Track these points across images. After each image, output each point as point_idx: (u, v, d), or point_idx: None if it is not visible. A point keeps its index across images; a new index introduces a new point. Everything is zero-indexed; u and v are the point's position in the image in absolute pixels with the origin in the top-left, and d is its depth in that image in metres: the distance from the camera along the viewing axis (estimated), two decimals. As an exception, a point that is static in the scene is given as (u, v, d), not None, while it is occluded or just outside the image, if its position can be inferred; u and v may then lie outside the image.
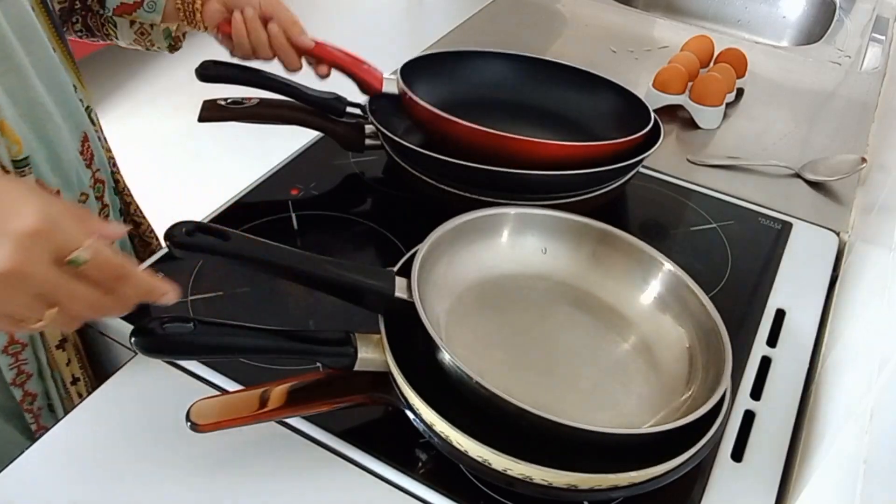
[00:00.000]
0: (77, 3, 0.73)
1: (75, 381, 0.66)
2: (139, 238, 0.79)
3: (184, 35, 0.79)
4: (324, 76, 0.75)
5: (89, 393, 0.57)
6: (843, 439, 0.47)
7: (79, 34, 0.76)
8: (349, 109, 0.77)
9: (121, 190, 0.76)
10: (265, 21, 0.72)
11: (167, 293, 0.44)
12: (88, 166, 0.68)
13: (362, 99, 0.77)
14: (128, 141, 2.58)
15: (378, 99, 0.77)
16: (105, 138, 0.74)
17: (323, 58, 0.74)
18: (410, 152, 0.70)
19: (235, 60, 0.74)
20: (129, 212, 0.78)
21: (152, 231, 0.81)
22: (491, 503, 0.50)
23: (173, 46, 0.78)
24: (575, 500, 0.48)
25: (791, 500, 0.52)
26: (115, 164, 0.75)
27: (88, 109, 0.69)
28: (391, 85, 0.75)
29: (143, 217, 0.80)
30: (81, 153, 0.67)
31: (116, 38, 0.76)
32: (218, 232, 0.49)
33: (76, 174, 0.65)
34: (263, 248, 0.51)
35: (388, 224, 0.73)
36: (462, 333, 0.56)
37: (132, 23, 0.74)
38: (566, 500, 0.49)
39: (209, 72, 0.74)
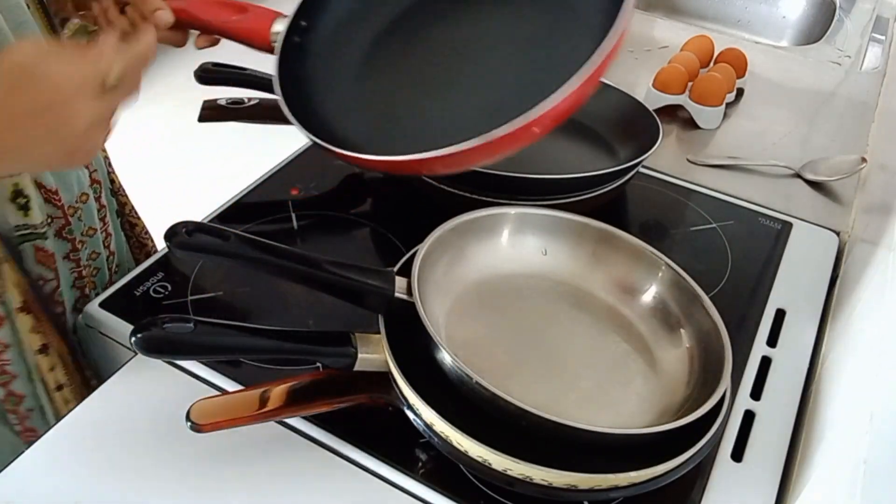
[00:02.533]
0: None
1: (59, 387, 0.65)
2: (135, 239, 0.79)
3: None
4: (201, 48, 0.65)
5: (77, 401, 0.57)
6: (843, 439, 0.47)
7: None
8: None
9: (116, 190, 0.75)
10: (122, 5, 0.64)
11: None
12: (86, 167, 0.67)
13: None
14: (128, 141, 2.58)
15: None
16: None
17: (190, 26, 0.63)
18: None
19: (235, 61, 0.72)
20: (125, 212, 0.77)
21: (147, 232, 0.81)
22: (491, 503, 0.50)
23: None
24: (575, 500, 0.48)
25: (791, 500, 0.52)
26: (110, 165, 0.74)
27: None
28: (283, 24, 0.59)
29: (139, 218, 0.80)
30: None
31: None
32: (218, 232, 0.49)
33: (75, 175, 0.65)
34: (263, 248, 0.51)
35: (388, 224, 0.73)
36: (462, 333, 0.56)
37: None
38: (566, 500, 0.49)
39: (208, 74, 0.74)
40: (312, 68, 0.55)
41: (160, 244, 0.69)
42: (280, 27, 0.58)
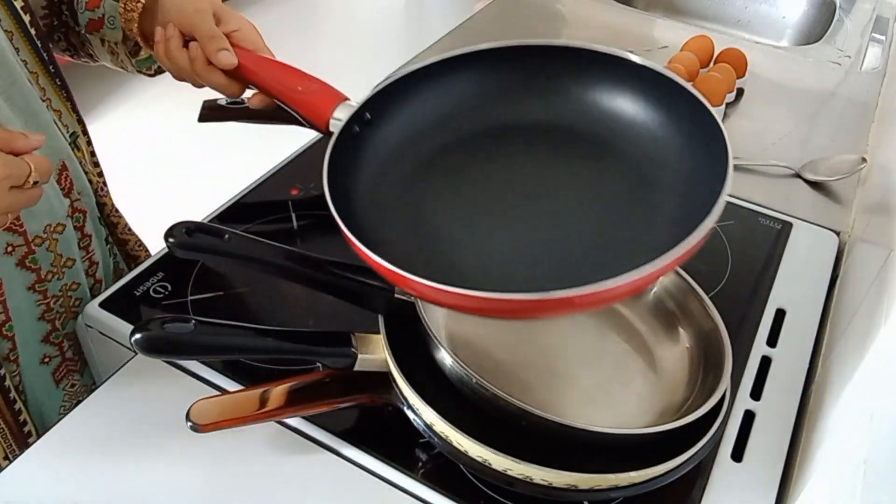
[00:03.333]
0: (55, 20, 0.70)
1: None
2: (125, 253, 0.76)
3: (155, 68, 0.73)
4: (256, 108, 0.64)
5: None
6: (843, 439, 0.47)
7: (65, 52, 0.74)
8: None
9: (107, 214, 0.72)
10: (187, 40, 0.63)
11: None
12: (67, 195, 0.64)
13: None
14: (128, 141, 2.58)
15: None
16: (95, 162, 0.71)
17: (251, 80, 0.61)
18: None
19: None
20: (117, 233, 0.74)
21: (141, 244, 0.78)
22: (491, 503, 0.50)
23: (141, 72, 0.73)
24: (575, 500, 0.48)
25: (791, 500, 0.52)
26: (103, 188, 0.71)
27: (74, 136, 0.66)
28: (345, 112, 0.57)
29: (131, 233, 0.77)
30: (58, 181, 0.63)
31: (97, 57, 0.72)
32: (218, 232, 0.49)
33: (46, 205, 0.60)
34: (263, 248, 0.51)
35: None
36: (462, 333, 0.56)
37: (102, 41, 0.70)
38: (566, 500, 0.49)
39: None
40: (364, 163, 0.53)
41: (158, 245, 0.68)
42: (342, 114, 0.57)
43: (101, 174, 0.72)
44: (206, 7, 0.63)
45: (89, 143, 0.70)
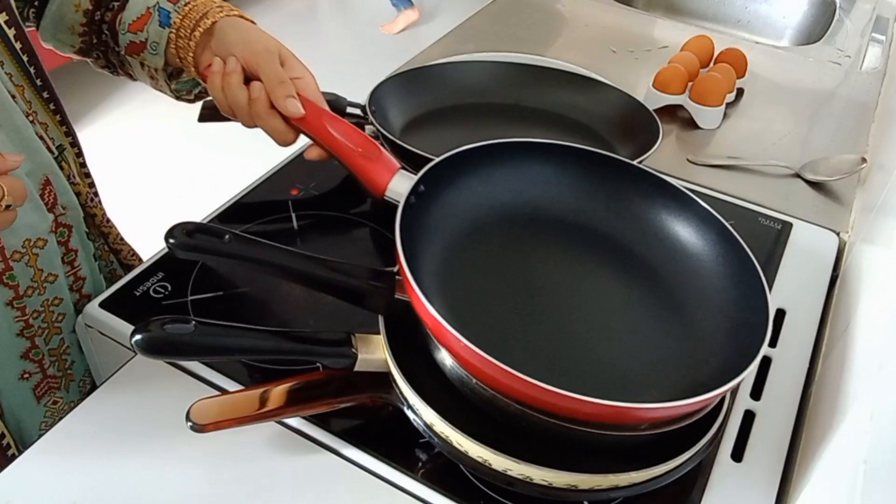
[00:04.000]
0: (94, 38, 0.69)
1: None
2: (119, 262, 0.75)
3: (196, 93, 0.72)
4: (309, 158, 0.63)
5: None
6: (843, 439, 0.47)
7: (105, 70, 0.73)
8: (349, 110, 0.77)
9: (98, 225, 0.70)
10: (250, 78, 0.61)
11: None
12: (51, 210, 0.62)
13: (362, 98, 0.77)
14: (128, 142, 2.59)
15: (378, 101, 0.77)
16: (86, 173, 0.69)
17: (314, 135, 0.61)
18: (410, 154, 0.70)
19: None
20: (108, 242, 0.73)
21: (134, 253, 0.77)
22: (491, 503, 0.50)
23: (181, 98, 0.71)
24: (575, 500, 0.48)
25: (791, 500, 0.52)
26: (93, 199, 0.69)
27: (60, 148, 0.65)
28: (402, 183, 0.58)
29: (124, 243, 0.75)
30: (41, 196, 0.61)
31: (136, 77, 0.71)
32: (218, 232, 0.49)
33: (27, 218, 0.58)
34: (263, 248, 0.51)
35: (388, 224, 0.73)
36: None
37: (142, 65, 0.68)
38: (566, 500, 0.49)
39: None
40: (421, 231, 0.54)
41: (155, 248, 0.68)
42: (397, 185, 0.59)
43: (91, 185, 0.70)
44: (275, 48, 0.62)
45: (79, 154, 0.68)
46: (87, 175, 0.70)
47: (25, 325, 0.62)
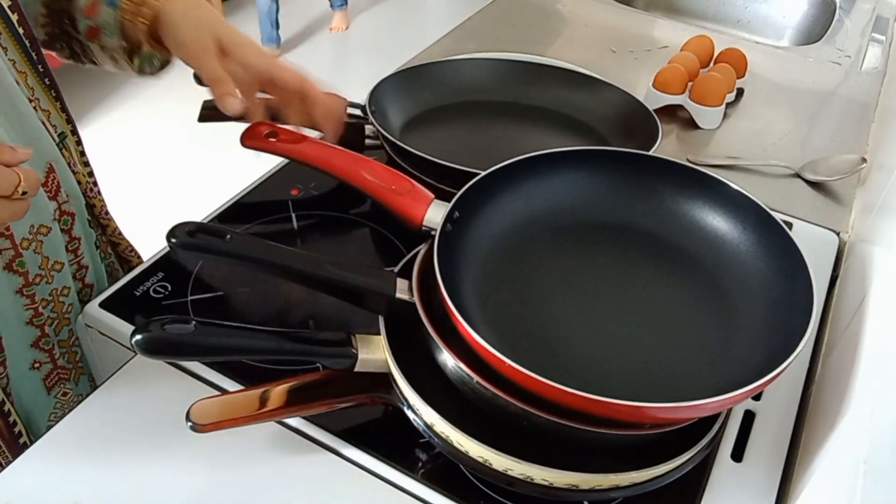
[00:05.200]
0: (56, 28, 0.70)
1: None
2: (117, 256, 0.76)
3: (159, 64, 0.73)
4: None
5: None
6: (843, 439, 0.47)
7: (71, 59, 0.73)
8: (349, 110, 0.77)
9: (97, 215, 0.71)
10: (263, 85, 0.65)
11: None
12: (54, 198, 0.63)
13: (361, 98, 0.77)
14: (128, 141, 2.59)
15: (378, 101, 0.77)
16: (85, 162, 0.70)
17: (349, 180, 0.65)
18: (410, 154, 0.70)
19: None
20: (107, 234, 0.73)
21: (133, 249, 0.78)
22: (491, 503, 0.50)
23: (143, 73, 0.73)
24: (575, 500, 0.48)
25: (791, 500, 0.52)
26: (92, 189, 0.70)
27: (62, 136, 0.65)
28: (438, 213, 0.59)
29: (122, 237, 0.76)
30: (44, 184, 0.62)
31: (98, 63, 0.73)
32: (219, 232, 0.49)
33: (32, 205, 0.59)
34: (263, 248, 0.51)
35: (388, 224, 0.73)
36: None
37: (102, 48, 0.70)
38: (566, 500, 0.49)
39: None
40: (460, 256, 0.55)
41: (155, 247, 0.68)
42: (434, 215, 0.59)
43: (91, 174, 0.71)
44: (209, 42, 0.64)
45: (79, 142, 0.69)
46: (87, 164, 0.71)
47: (35, 314, 0.62)
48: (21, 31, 0.60)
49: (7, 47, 0.59)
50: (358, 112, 0.77)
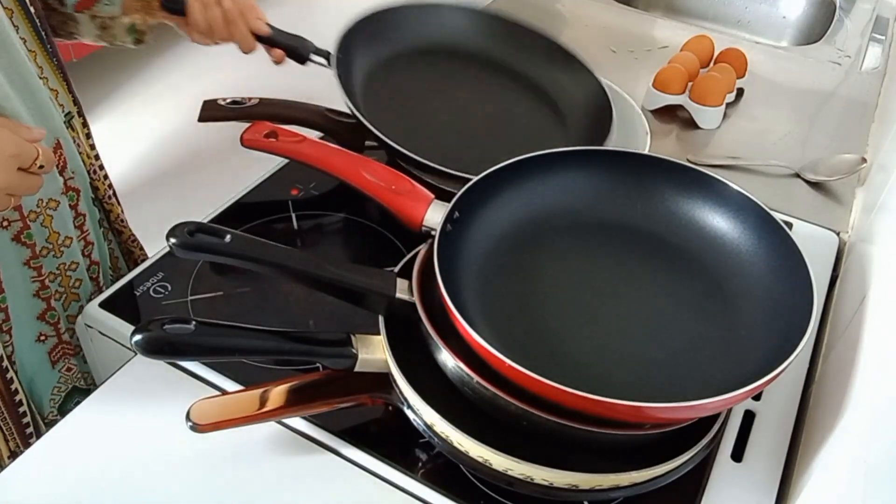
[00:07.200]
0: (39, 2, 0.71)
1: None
2: (121, 245, 0.77)
3: (149, 29, 0.77)
4: (278, 62, 0.76)
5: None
6: (843, 439, 0.47)
7: None
8: (313, 57, 0.77)
9: (101, 198, 0.73)
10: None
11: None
12: (61, 173, 0.64)
13: (331, 47, 0.76)
14: (127, 141, 2.58)
15: (346, 47, 0.76)
16: (91, 145, 0.71)
17: (349, 180, 0.66)
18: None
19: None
20: (111, 220, 0.75)
21: (136, 240, 0.79)
22: (491, 503, 0.50)
23: (138, 41, 0.76)
24: (575, 500, 0.48)
25: (791, 500, 0.52)
26: (97, 172, 0.72)
27: (69, 115, 0.67)
28: (438, 213, 0.58)
29: (126, 226, 0.77)
30: None
31: (78, 34, 0.74)
32: (219, 232, 0.49)
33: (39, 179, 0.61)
34: (263, 248, 0.51)
35: (388, 224, 0.73)
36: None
37: (93, 17, 0.72)
38: (566, 500, 0.49)
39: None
40: (461, 256, 0.55)
41: (155, 247, 0.68)
42: (433, 215, 0.59)
43: (97, 156, 0.72)
44: None
45: (85, 123, 0.70)
46: (93, 146, 0.72)
47: (41, 286, 0.64)
48: (32, 10, 0.61)
49: (19, 25, 0.60)
50: (322, 60, 0.76)
